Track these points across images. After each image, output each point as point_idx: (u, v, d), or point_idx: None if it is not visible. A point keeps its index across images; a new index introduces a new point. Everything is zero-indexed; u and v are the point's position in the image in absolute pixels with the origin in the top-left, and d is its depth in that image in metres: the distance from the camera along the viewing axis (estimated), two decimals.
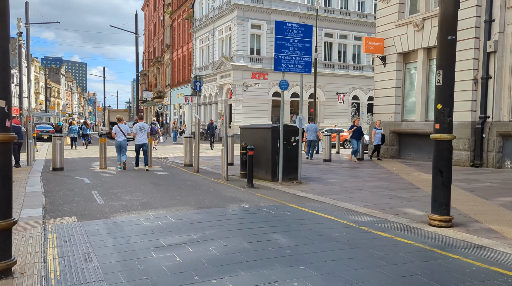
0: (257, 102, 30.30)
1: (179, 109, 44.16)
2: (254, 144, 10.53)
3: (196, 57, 37.47)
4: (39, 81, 76.93)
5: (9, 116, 4.03)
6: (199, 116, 12.96)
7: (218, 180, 10.78)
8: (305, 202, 7.89)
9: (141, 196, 8.24)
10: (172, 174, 12.08)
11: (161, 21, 51.08)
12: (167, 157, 18.28)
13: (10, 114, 4.08)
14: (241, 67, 29.67)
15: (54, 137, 12.61)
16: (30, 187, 9.34)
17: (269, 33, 30.44)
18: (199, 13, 36.78)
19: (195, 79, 18.92)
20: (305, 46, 10.41)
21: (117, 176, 11.41)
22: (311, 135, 17.11)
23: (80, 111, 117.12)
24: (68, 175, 11.69)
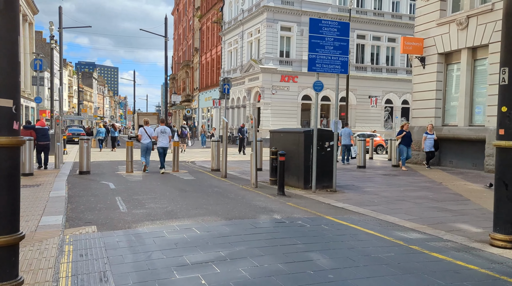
0: (286, 105, 29.65)
1: (207, 113, 44.07)
2: (284, 148, 9.91)
3: (224, 61, 37.24)
4: (72, 85, 79.08)
5: (17, 118, 3.58)
6: (227, 119, 12.49)
7: (246, 187, 10.21)
8: (343, 214, 7.19)
9: (166, 204, 7.76)
10: (199, 179, 11.60)
11: (190, 25, 51.32)
12: (195, 161, 17.90)
13: (19, 116, 3.62)
14: (270, 70, 29.12)
15: (81, 140, 12.41)
16: (55, 191, 9.05)
17: (299, 35, 29.78)
18: (228, 16, 36.56)
19: (223, 82, 18.50)
20: (341, 45, 9.71)
21: (142, 181, 11.03)
22: (346, 140, 16.48)
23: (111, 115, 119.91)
24: (94, 179, 11.41)
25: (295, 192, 9.46)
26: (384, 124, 32.67)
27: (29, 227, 5.90)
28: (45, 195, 8.54)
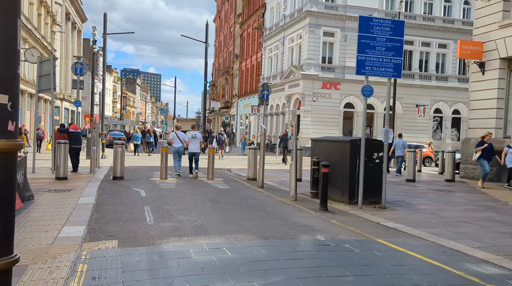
0: (327, 113, 28.56)
1: (245, 120, 43.65)
2: (328, 159, 9.02)
3: (264, 67, 36.71)
4: (117, 90, 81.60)
5: (12, 117, 2.97)
6: (265, 126, 11.81)
7: (285, 200, 9.37)
8: (397, 237, 6.20)
9: (196, 216, 7.08)
10: (234, 189, 10.89)
11: (231, 32, 51.38)
12: (230, 169, 17.28)
13: (16, 115, 3.02)
14: (311, 76, 28.20)
15: (115, 145, 12.08)
16: (84, 198, 8.64)
17: (342, 41, 28.71)
18: (269, 22, 36.06)
19: (263, 88, 17.81)
20: (394, 46, 8.73)
21: (175, 189, 10.47)
22: (400, 152, 15.47)
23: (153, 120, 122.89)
24: (126, 185, 10.99)
25: (339, 207, 8.53)
26: (432, 135, 30.75)
27: (47, 238, 5.39)
28: (73, 201, 8.13)
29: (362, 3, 28.14)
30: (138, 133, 26.35)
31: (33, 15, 31.62)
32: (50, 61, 13.11)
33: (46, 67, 13.39)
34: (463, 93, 30.54)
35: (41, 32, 33.74)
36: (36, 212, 7.06)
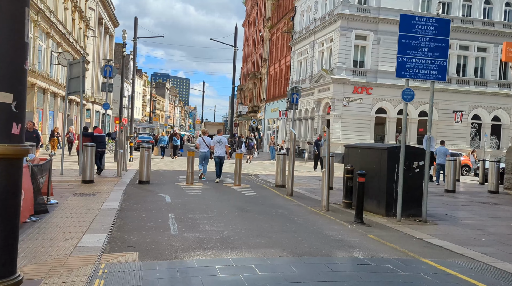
0: (358, 118, 27.70)
1: (273, 124, 43.17)
2: (362, 167, 8.43)
3: (293, 71, 36.18)
4: (146, 94, 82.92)
5: (18, 119, 2.62)
6: (295, 131, 11.32)
7: (316, 209, 8.82)
8: (445, 257, 5.56)
9: (223, 226, 6.65)
10: (262, 197, 10.42)
11: (260, 36, 51.16)
12: (258, 175, 16.82)
13: (22, 116, 2.67)
14: (342, 80, 27.44)
15: (142, 149, 11.86)
16: (108, 202, 8.39)
17: (375, 44, 27.82)
18: (299, 26, 35.53)
19: (292, 91, 17.35)
20: (439, 47, 8.06)
21: (201, 195, 10.10)
22: (441, 159, 14.85)
23: (181, 124, 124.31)
24: (151, 190, 10.72)
25: (375, 220, 7.91)
26: (470, 142, 29.31)
27: (66, 248, 5.08)
28: (97, 207, 7.87)
29: (397, 5, 27.20)
30: (164, 136, 26.67)
31: (67, 20, 32.36)
32: (79, 63, 13.08)
33: (76, 69, 13.36)
34: (504, 99, 29.04)
35: (75, 37, 34.50)
36: (59, 217, 6.82)
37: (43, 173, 7.59)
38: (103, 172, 14.44)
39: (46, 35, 26.53)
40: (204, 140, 13.36)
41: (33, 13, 23.15)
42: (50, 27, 26.54)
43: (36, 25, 24.03)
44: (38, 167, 7.27)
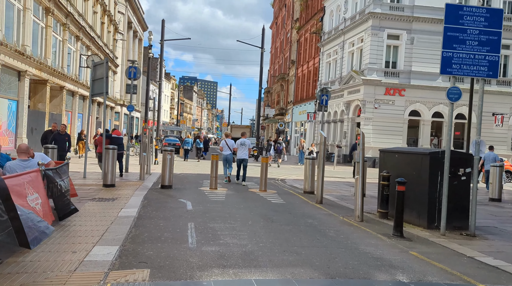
0: (390, 121, 26.51)
1: (300, 127, 42.33)
2: (400, 173, 7.64)
3: (322, 72, 35.27)
4: (174, 97, 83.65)
5: None
6: (325, 134, 10.62)
7: (348, 220, 8.06)
8: (505, 281, 4.72)
9: (246, 239, 6.01)
10: (289, 205, 9.72)
11: (287, 38, 50.46)
12: (285, 179, 16.13)
13: None
14: (373, 81, 26.36)
15: (164, 152, 11.41)
16: (126, 209, 7.93)
17: (408, 44, 26.58)
18: (328, 26, 34.61)
19: (321, 93, 16.56)
20: (490, 40, 7.17)
21: (224, 202, 9.51)
22: (489, 166, 13.72)
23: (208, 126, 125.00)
24: (173, 195, 10.23)
25: (415, 233, 7.09)
26: (511, 147, 27.56)
27: (71, 263, 4.58)
28: (114, 213, 7.42)
29: (432, 3, 25.88)
30: (189, 139, 26.74)
31: (97, 23, 32.74)
32: (103, 64, 12.81)
33: (100, 70, 13.11)
34: None
35: (104, 40, 34.89)
36: (72, 225, 6.39)
37: (62, 176, 7.18)
38: (126, 175, 14.15)
39: (76, 39, 26.80)
40: (227, 143, 13.55)
41: (63, 16, 23.37)
42: (79, 30, 26.80)
43: (65, 29, 24.27)
44: (53, 170, 6.88)
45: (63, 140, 12.22)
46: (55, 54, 23.66)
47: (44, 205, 6.13)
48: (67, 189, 7.15)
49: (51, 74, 22.02)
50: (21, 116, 18.80)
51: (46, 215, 6.10)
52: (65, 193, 7.03)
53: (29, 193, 5.58)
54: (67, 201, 7.00)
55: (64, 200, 6.92)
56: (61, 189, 6.86)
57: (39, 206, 5.92)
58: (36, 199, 5.86)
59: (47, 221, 5.92)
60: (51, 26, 21.93)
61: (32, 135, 19.99)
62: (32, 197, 5.65)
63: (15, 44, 17.73)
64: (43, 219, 5.84)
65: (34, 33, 20.06)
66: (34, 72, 19.68)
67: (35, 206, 5.72)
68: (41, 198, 6.08)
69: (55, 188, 6.74)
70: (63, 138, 12.30)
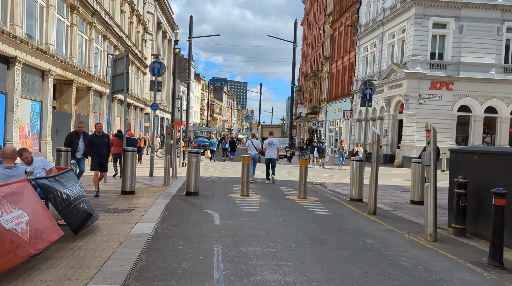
0: (436, 118, 24.18)
1: (335, 126, 40.27)
2: (481, 179, 5.95)
3: (358, 67, 33.14)
4: (204, 98, 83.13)
5: None
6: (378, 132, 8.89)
7: (418, 239, 6.34)
8: None
9: (292, 274, 4.43)
10: (337, 217, 8.07)
11: (320, 33, 48.45)
12: (324, 183, 14.43)
13: None
14: (418, 75, 24.13)
15: (189, 155, 10.01)
16: (142, 224, 6.57)
17: (456, 33, 24.18)
18: (365, 18, 32.47)
19: (365, 86, 14.81)
20: None
21: (259, 213, 7.98)
22: None
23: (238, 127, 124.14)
24: (199, 204, 8.80)
25: None
26: None
27: None
28: (126, 230, 6.06)
29: None
30: (214, 139, 27.07)
31: (125, 23, 32.11)
32: (123, 59, 11.59)
33: (121, 66, 11.90)
34: None
35: (132, 40, 34.27)
36: (68, 248, 5.06)
37: (67, 184, 5.84)
38: (151, 179, 12.97)
39: (103, 38, 26.10)
40: (253, 143, 13.62)
41: (89, 14, 22.63)
42: (106, 29, 26.08)
43: (91, 27, 23.53)
44: (51, 179, 5.58)
45: (102, 144, 9.44)
46: (81, 54, 22.96)
47: (36, 222, 4.81)
48: (76, 196, 5.78)
49: (77, 74, 21.26)
50: (45, 117, 18.03)
51: (41, 233, 4.78)
52: (75, 202, 5.69)
53: (5, 210, 4.26)
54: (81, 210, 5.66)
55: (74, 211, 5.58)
56: (68, 198, 5.53)
57: (23, 225, 4.60)
58: (18, 217, 4.53)
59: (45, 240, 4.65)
60: (77, 25, 21.17)
61: (57, 138, 19.24)
62: (10, 215, 4.32)
63: (37, 42, 16.95)
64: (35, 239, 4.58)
65: (58, 31, 19.31)
66: (59, 72, 18.91)
67: (15, 227, 4.39)
68: (30, 214, 4.77)
69: (58, 199, 5.43)
70: (101, 140, 9.47)
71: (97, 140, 9.45)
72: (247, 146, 13.73)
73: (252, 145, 13.56)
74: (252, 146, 13.54)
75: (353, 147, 28.69)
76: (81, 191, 5.86)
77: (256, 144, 13.62)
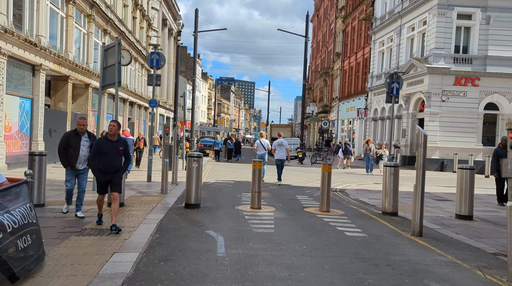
0: (461, 117, 22.33)
1: (348, 125, 38.42)
2: None
3: (373, 63, 31.28)
4: (212, 98, 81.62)
5: None
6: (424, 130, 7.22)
7: (497, 279, 4.60)
8: None
9: None
10: (376, 241, 6.33)
11: (331, 29, 46.59)
12: (345, 190, 12.69)
13: None
14: (440, 70, 22.26)
15: (189, 159, 8.34)
16: (121, 254, 4.93)
17: (483, 24, 22.27)
18: (381, 11, 30.61)
19: (391, 79, 13.05)
20: None
21: (275, 236, 6.27)
22: None
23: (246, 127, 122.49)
24: (200, 221, 7.13)
25: None
26: None
27: None
28: (95, 268, 4.42)
29: None
30: (219, 139, 26.31)
31: (127, 17, 30.61)
32: (115, 47, 9.97)
33: (112, 56, 10.29)
34: None
35: (136, 36, 32.77)
36: None
37: (9, 205, 4.19)
38: (149, 186, 11.40)
39: (103, 32, 24.58)
40: (262, 143, 13.51)
41: (87, 6, 21.11)
42: (107, 23, 24.56)
43: (90, 20, 22.01)
44: None
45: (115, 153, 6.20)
46: (79, 49, 21.46)
47: None
48: (17, 226, 4.12)
49: (74, 70, 19.74)
50: (36, 116, 16.50)
51: None
52: (14, 236, 4.03)
53: None
54: (22, 248, 4.02)
55: (11, 249, 3.92)
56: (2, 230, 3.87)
57: None
58: None
59: None
60: (73, 17, 19.63)
61: (51, 138, 17.72)
62: None
63: (27, 33, 15.42)
64: None
65: (52, 23, 17.79)
66: (52, 67, 17.38)
67: None
68: None
69: None
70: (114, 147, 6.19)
71: (108, 146, 6.13)
72: (255, 145, 13.80)
73: (261, 144, 13.54)
74: (260, 146, 13.53)
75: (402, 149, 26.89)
76: (29, 216, 4.19)
77: (265, 144, 13.57)
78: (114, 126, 6.28)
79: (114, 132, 6.25)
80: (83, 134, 6.87)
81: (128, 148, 6.67)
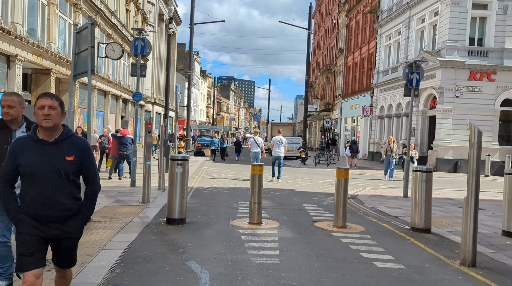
0: (476, 114, 20.66)
1: (351, 124, 36.77)
2: None
3: (379, 58, 29.62)
4: (211, 96, 79.97)
5: None
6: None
7: None
8: None
9: None
10: (418, 276, 4.70)
11: (333, 25, 44.92)
12: (357, 196, 11.04)
13: None
14: (454, 63, 20.63)
15: (172, 163, 6.67)
16: None
17: (500, 15, 20.65)
18: (388, 3, 28.94)
19: (410, 69, 11.46)
20: None
21: (281, 267, 4.65)
22: None
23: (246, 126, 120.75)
24: (181, 244, 5.50)
25: None
26: None
27: None
28: None
29: None
30: (216, 139, 25.97)
31: (120, 10, 28.97)
32: (87, 29, 8.30)
33: (85, 40, 8.62)
34: None
35: (129, 30, 31.12)
36: None
37: None
38: (131, 192, 9.83)
39: None
40: (256, 141, 13.51)
41: None
42: (96, 14, 22.92)
43: (76, 9, 20.39)
44: None
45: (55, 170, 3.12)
46: (64, 40, 19.84)
47: None
48: None
49: (57, 62, 18.14)
50: None
51: None
52: None
53: None
54: None
55: None
56: None
57: None
58: None
59: None
60: (56, 4, 18.00)
61: None
62: None
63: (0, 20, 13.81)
64: None
65: (30, 9, 16.17)
66: (30, 58, 15.77)
67: None
68: None
69: None
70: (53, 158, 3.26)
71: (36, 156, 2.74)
72: (249, 143, 13.86)
73: (255, 142, 13.58)
74: (254, 144, 13.58)
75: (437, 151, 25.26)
76: None
77: (259, 142, 13.63)
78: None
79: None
80: (15, 124, 3.43)
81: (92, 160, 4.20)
